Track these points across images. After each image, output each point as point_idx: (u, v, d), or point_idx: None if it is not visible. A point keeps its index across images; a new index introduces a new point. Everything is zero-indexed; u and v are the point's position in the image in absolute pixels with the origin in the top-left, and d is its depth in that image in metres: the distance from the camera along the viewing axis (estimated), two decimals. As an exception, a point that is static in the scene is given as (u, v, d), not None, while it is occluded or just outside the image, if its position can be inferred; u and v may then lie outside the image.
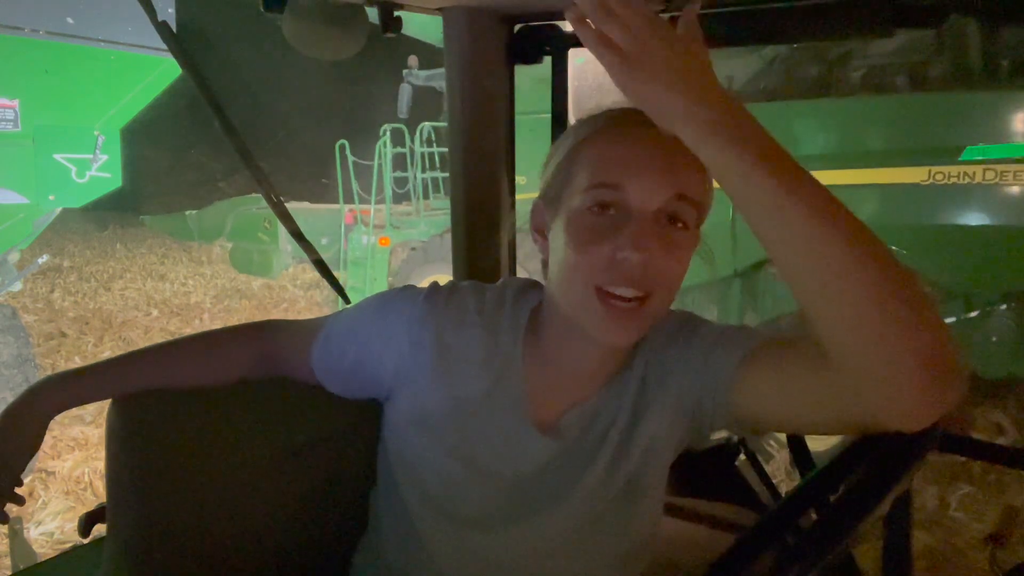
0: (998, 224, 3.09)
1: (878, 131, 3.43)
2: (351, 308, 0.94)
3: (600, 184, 0.77)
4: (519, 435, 0.86)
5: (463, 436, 0.86)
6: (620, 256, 0.75)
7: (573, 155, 0.81)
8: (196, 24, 8.89)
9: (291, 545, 0.97)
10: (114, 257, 10.76)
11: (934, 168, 3.11)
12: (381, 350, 0.89)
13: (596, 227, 0.77)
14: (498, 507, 0.85)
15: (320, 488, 0.99)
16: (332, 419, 0.97)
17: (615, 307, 0.76)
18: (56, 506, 3.29)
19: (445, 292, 0.91)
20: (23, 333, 4.03)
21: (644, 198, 0.76)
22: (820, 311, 0.63)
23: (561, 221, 0.80)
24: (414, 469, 0.88)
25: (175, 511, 0.88)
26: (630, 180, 0.76)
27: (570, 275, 0.78)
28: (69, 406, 0.86)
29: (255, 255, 6.89)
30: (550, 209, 0.83)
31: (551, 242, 0.83)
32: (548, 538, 0.85)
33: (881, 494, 0.66)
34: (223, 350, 0.95)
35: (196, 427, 0.91)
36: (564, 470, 0.85)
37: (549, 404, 0.87)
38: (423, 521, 0.87)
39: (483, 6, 1.28)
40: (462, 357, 0.87)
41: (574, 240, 0.78)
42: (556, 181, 0.82)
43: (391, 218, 6.18)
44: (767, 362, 0.78)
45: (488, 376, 0.87)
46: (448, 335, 0.88)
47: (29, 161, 3.75)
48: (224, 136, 1.27)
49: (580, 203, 0.78)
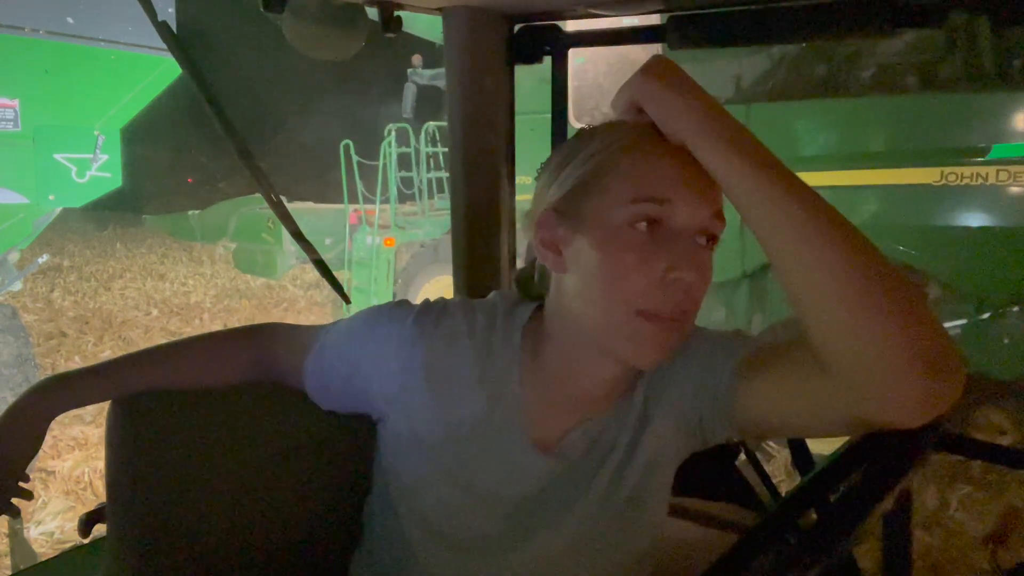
0: (1010, 225, 3.08)
1: (889, 131, 3.41)
2: (343, 323, 0.91)
3: (648, 198, 0.72)
4: (519, 456, 0.83)
5: (460, 461, 0.83)
6: (672, 277, 0.72)
7: (606, 164, 0.75)
8: (196, 24, 8.88)
9: (289, 546, 0.97)
10: (114, 257, 10.77)
11: (946, 169, 3.10)
12: (371, 372, 0.87)
13: (642, 246, 0.72)
14: (499, 531, 0.83)
15: (319, 490, 0.99)
16: (332, 422, 0.97)
17: (654, 330, 0.73)
18: (56, 506, 3.29)
19: (435, 313, 0.87)
20: (23, 333, 4.04)
21: (691, 215, 0.73)
22: (817, 310, 0.63)
23: (590, 237, 0.75)
24: (411, 492, 0.86)
25: (175, 511, 0.88)
26: (679, 195, 0.72)
27: (606, 296, 0.74)
28: (69, 407, 0.85)
29: (259, 255, 6.89)
30: (567, 223, 0.78)
31: (571, 260, 0.78)
32: (549, 559, 0.83)
33: (881, 494, 0.66)
34: (222, 353, 0.94)
35: (196, 428, 0.91)
36: (565, 490, 0.83)
37: (550, 425, 0.84)
38: (420, 544, 0.85)
39: (483, 6, 1.28)
40: (454, 379, 0.84)
41: (616, 260, 0.73)
42: (580, 192, 0.77)
43: (396, 218, 6.17)
44: (764, 368, 0.76)
45: (482, 397, 0.84)
46: (439, 357, 0.85)
47: (29, 161, 3.76)
48: (224, 136, 1.27)
49: (621, 218, 0.73)
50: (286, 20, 1.23)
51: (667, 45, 1.26)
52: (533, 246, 0.82)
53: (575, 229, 0.77)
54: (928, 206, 3.20)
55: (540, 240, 0.80)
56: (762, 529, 0.69)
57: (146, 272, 9.52)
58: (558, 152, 0.82)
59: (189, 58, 1.24)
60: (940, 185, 3.13)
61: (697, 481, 1.39)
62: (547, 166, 0.83)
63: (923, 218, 3.23)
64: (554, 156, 0.83)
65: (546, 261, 0.80)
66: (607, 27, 1.33)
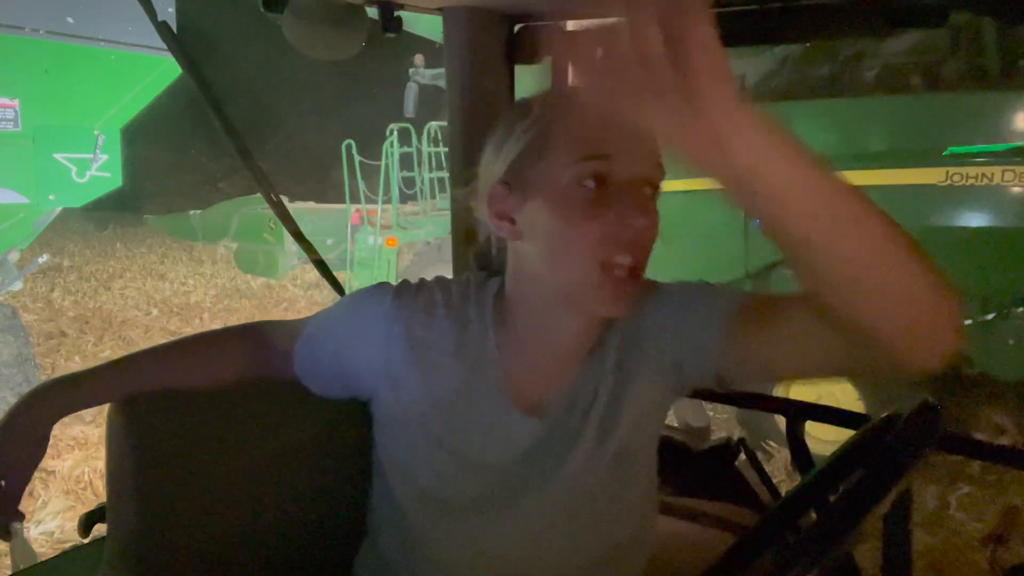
0: (1016, 226, 3.06)
1: (895, 131, 3.38)
2: (328, 310, 0.95)
3: (591, 156, 0.76)
4: (503, 420, 0.87)
5: (447, 427, 0.87)
6: (624, 225, 0.75)
7: (547, 129, 0.79)
8: (196, 24, 8.87)
9: (292, 546, 0.97)
10: (114, 256, 10.76)
11: (951, 169, 3.08)
12: (357, 350, 0.90)
13: (591, 200, 0.77)
14: (491, 492, 0.86)
15: (319, 489, 0.99)
16: (332, 421, 0.97)
17: (617, 278, 0.77)
18: (56, 505, 3.29)
19: (412, 289, 0.92)
20: (23, 332, 4.04)
21: (634, 167, 0.77)
22: (840, 264, 0.57)
23: (541, 201, 0.79)
24: (405, 465, 0.89)
25: (175, 511, 0.88)
26: (619, 150, 0.76)
27: (566, 253, 0.78)
28: (68, 413, 0.85)
29: (260, 256, 6.88)
30: (516, 192, 0.82)
31: (526, 225, 0.82)
32: (543, 517, 0.86)
33: (881, 494, 0.66)
34: (217, 352, 0.95)
35: (196, 427, 0.91)
36: (552, 449, 0.86)
37: (530, 386, 0.88)
38: (418, 514, 0.88)
39: (483, 6, 1.28)
40: (435, 349, 0.88)
41: (568, 217, 0.77)
42: (525, 159, 0.81)
43: (398, 218, 6.16)
44: (757, 319, 0.77)
45: (463, 366, 0.88)
46: (419, 329, 0.88)
47: (29, 161, 3.76)
48: (224, 136, 1.27)
49: (565, 179, 0.77)
50: (286, 20, 1.23)
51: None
52: (486, 221, 0.86)
53: (525, 197, 0.81)
54: (933, 206, 3.19)
55: (493, 213, 0.84)
56: (762, 529, 0.69)
57: (146, 272, 9.52)
58: (498, 127, 0.85)
59: (189, 58, 1.24)
60: (945, 185, 3.11)
61: (697, 481, 1.40)
62: (489, 143, 0.86)
63: (927, 218, 3.21)
64: (495, 132, 0.86)
65: (502, 232, 0.84)
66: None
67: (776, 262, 3.49)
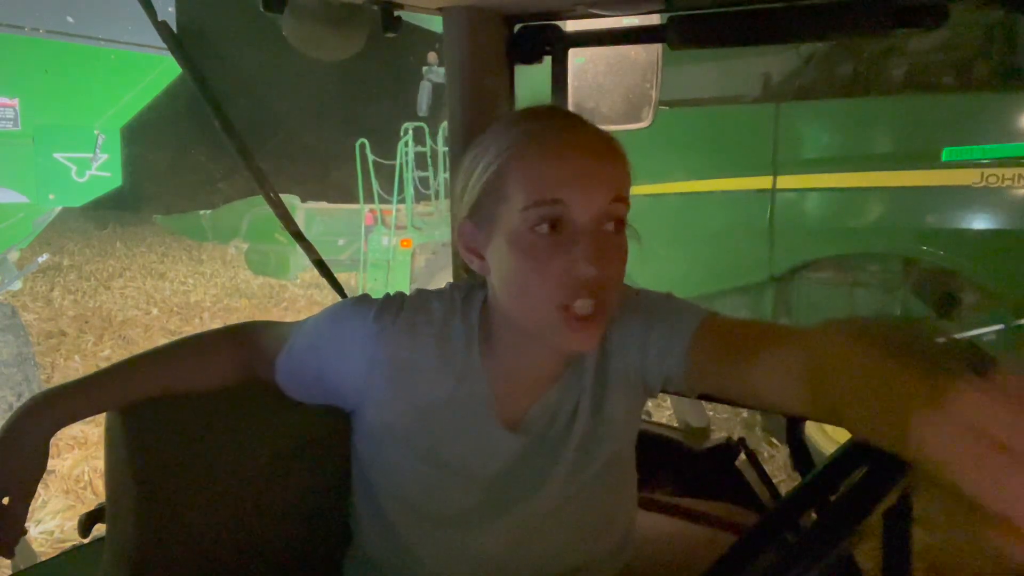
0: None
1: (925, 131, 3.24)
2: (311, 321, 0.93)
3: (539, 202, 0.75)
4: (488, 435, 0.87)
5: (433, 441, 0.87)
6: (575, 273, 0.74)
7: (502, 172, 0.78)
8: (196, 24, 8.89)
9: (287, 547, 0.97)
10: (114, 256, 10.77)
11: (987, 171, 3.03)
12: (338, 368, 0.88)
13: (544, 246, 0.75)
14: (477, 504, 0.87)
15: (316, 491, 0.99)
16: (328, 423, 0.97)
17: (580, 318, 0.76)
18: (56, 505, 3.29)
19: (395, 306, 0.89)
20: (23, 332, 4.04)
21: (587, 208, 0.75)
22: None
23: (502, 241, 0.78)
24: (390, 475, 0.90)
25: (174, 512, 0.88)
26: (570, 194, 0.75)
27: (526, 296, 0.78)
28: (62, 426, 0.83)
29: (272, 256, 6.80)
30: (483, 229, 0.81)
31: (492, 262, 0.81)
32: (529, 526, 0.88)
33: (881, 494, 0.66)
34: (208, 355, 0.94)
35: (194, 429, 0.91)
36: (536, 462, 0.88)
37: (512, 402, 0.88)
38: (405, 525, 0.89)
39: (483, 6, 1.28)
40: (419, 367, 0.86)
41: (524, 262, 0.76)
42: (486, 200, 0.80)
43: (412, 219, 6.05)
44: (722, 342, 0.78)
45: (448, 381, 0.87)
46: (403, 349, 0.86)
47: (29, 160, 3.76)
48: (224, 136, 1.27)
49: (520, 223, 0.76)
50: (286, 20, 1.23)
51: (667, 45, 1.26)
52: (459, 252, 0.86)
53: (490, 234, 0.80)
54: (967, 208, 3.13)
55: (463, 247, 0.84)
56: (762, 529, 0.69)
57: (146, 271, 9.52)
58: (467, 156, 0.85)
59: (189, 58, 1.24)
60: (980, 187, 3.07)
61: (697, 481, 1.40)
62: (460, 171, 0.85)
63: (961, 221, 3.15)
64: (464, 161, 0.85)
65: (472, 265, 0.84)
66: (607, 27, 1.33)
67: (803, 264, 3.38)
